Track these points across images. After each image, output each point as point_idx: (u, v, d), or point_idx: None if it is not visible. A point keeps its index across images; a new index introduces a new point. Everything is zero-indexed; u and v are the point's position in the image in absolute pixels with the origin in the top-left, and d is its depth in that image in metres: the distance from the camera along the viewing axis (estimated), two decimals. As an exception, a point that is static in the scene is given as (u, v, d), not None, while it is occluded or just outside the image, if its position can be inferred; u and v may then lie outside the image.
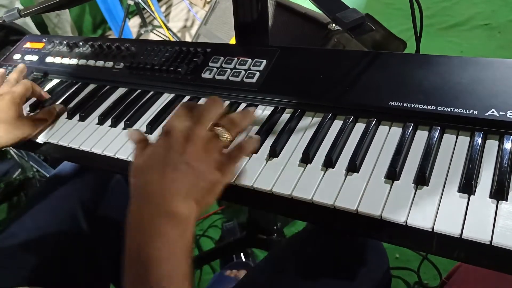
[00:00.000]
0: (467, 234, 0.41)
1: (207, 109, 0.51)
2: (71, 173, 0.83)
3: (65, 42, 0.90)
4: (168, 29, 2.21)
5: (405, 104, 0.55)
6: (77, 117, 0.73)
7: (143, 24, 2.54)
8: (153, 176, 0.46)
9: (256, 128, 0.60)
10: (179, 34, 2.53)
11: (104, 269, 0.78)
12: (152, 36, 2.57)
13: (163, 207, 0.44)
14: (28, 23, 2.08)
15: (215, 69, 0.70)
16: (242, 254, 1.33)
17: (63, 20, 2.41)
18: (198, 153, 0.46)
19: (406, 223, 0.44)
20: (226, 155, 0.49)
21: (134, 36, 2.68)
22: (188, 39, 2.54)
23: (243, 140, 0.52)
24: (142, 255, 0.43)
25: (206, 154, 0.47)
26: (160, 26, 2.40)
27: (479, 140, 0.49)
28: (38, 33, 2.20)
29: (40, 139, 0.72)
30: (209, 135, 0.48)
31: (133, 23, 2.88)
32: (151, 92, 0.74)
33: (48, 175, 1.58)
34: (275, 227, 1.24)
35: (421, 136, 0.53)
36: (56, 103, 0.78)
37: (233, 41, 1.26)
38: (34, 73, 0.88)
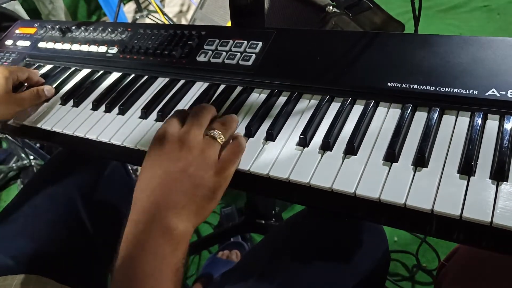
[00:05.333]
0: (467, 215, 0.40)
1: (200, 113, 0.49)
2: (66, 160, 0.83)
3: (57, 27, 0.88)
4: (164, 14, 2.18)
5: (403, 85, 0.54)
6: (70, 103, 0.72)
7: (138, 9, 2.51)
8: (151, 186, 0.44)
9: (252, 112, 0.59)
10: (174, 19, 2.50)
11: (102, 256, 0.77)
12: (148, 22, 2.53)
13: (159, 220, 0.42)
14: (18, 10, 2.04)
15: (210, 52, 0.69)
16: (239, 236, 1.33)
17: (57, 7, 2.39)
18: (196, 159, 0.44)
19: (405, 205, 0.43)
20: (224, 158, 0.47)
21: (129, 21, 2.65)
22: (184, 24, 2.52)
23: (237, 140, 0.51)
24: (130, 266, 0.42)
25: (205, 160, 0.45)
26: (155, 11, 2.37)
27: (479, 121, 0.48)
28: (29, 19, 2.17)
29: (34, 125, 0.70)
30: (206, 139, 0.47)
31: (128, 9, 2.85)
32: (146, 77, 0.73)
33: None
34: (273, 212, 1.24)
35: (420, 117, 0.52)
36: (45, 86, 0.75)
37: (229, 25, 1.24)
38: (27, 59, 0.87)
